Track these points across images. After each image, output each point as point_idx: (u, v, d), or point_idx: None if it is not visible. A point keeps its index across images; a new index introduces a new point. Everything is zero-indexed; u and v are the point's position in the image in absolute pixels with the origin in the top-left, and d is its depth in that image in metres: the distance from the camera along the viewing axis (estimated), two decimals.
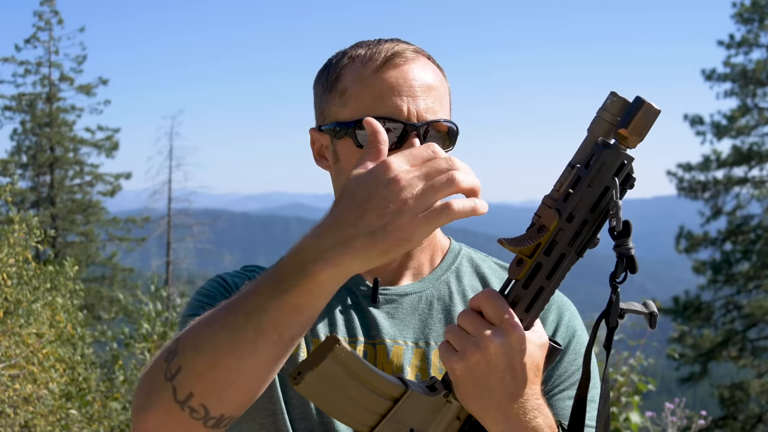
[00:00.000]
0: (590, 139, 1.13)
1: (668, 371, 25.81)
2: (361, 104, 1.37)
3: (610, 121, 1.11)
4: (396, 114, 1.35)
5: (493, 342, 1.10)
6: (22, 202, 22.56)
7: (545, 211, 1.13)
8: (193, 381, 1.08)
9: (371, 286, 1.43)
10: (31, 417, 5.25)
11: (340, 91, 1.41)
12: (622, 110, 1.11)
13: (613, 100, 1.11)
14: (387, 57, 1.38)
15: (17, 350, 5.07)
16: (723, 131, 20.21)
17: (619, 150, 1.10)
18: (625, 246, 1.09)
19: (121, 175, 24.63)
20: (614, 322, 1.13)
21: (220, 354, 1.07)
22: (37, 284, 5.52)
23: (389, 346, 1.38)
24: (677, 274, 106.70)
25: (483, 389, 1.12)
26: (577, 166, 1.12)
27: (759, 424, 18.65)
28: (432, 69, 1.42)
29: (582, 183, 1.11)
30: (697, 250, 20.55)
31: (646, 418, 6.24)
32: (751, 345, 20.03)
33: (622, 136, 1.10)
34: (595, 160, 1.10)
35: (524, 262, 1.14)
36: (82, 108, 24.18)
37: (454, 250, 1.52)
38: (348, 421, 1.14)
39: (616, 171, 1.10)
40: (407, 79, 1.37)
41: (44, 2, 23.88)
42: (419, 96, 1.36)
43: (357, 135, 1.37)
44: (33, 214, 5.91)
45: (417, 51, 1.42)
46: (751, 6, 19.97)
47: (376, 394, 1.13)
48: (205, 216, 34.53)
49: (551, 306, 1.45)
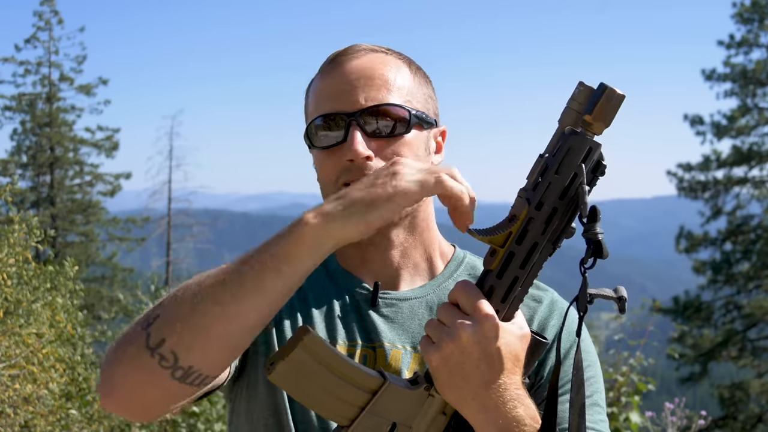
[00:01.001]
0: (559, 130, 1.14)
1: (668, 371, 25.81)
2: (313, 110, 1.41)
3: (577, 110, 1.12)
4: (335, 109, 1.36)
5: (465, 331, 1.12)
6: (22, 202, 22.56)
7: (517, 201, 1.14)
8: (167, 327, 1.10)
9: (371, 290, 1.42)
10: (31, 417, 5.24)
11: (306, 106, 1.47)
12: (588, 98, 1.11)
13: (581, 90, 1.12)
14: (331, 59, 1.41)
15: (17, 350, 5.07)
16: (723, 131, 20.20)
17: (585, 136, 1.11)
18: (592, 231, 1.09)
19: (121, 175, 24.63)
20: (583, 308, 1.14)
21: (198, 300, 1.10)
22: (37, 284, 5.52)
23: (388, 350, 1.37)
24: (677, 274, 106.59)
25: (458, 378, 1.13)
26: (546, 155, 1.13)
27: (759, 424, 18.64)
28: (383, 62, 1.40)
29: (549, 170, 1.11)
30: (697, 250, 20.54)
31: (646, 418, 6.24)
32: (751, 345, 20.03)
33: (587, 122, 1.11)
34: (561, 147, 1.11)
35: (497, 252, 1.15)
36: (82, 108, 24.22)
37: (457, 257, 1.51)
38: (326, 413, 1.15)
39: (583, 158, 1.11)
40: (345, 74, 1.38)
41: (44, 2, 23.88)
42: (359, 87, 1.36)
43: (311, 137, 1.41)
44: (33, 214, 5.91)
45: (367, 48, 1.42)
46: (751, 6, 19.96)
47: (353, 385, 1.13)
48: (205, 216, 34.52)
49: (553, 311, 1.45)
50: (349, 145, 1.33)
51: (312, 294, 1.43)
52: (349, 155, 1.33)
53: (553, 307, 1.45)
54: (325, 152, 1.38)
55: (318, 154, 1.41)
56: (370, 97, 1.35)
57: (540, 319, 1.42)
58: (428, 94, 1.45)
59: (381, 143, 1.36)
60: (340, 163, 1.36)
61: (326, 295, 1.43)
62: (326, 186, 1.40)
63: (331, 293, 1.43)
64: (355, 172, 1.34)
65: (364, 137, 1.34)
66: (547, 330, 1.42)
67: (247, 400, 1.38)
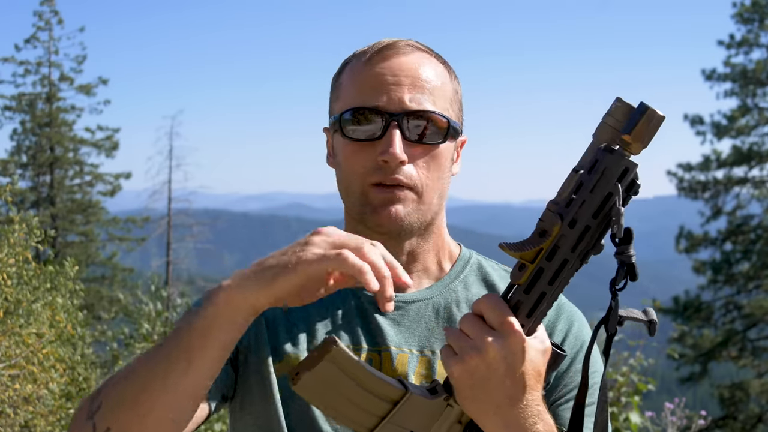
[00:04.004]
0: (595, 144, 1.12)
1: (668, 371, 25.80)
2: (351, 96, 1.36)
3: (614, 126, 1.10)
4: (377, 103, 1.32)
5: (492, 346, 1.10)
6: (22, 202, 22.54)
7: (548, 215, 1.12)
8: (111, 415, 1.13)
9: None
10: (31, 417, 5.24)
11: (337, 87, 1.41)
12: (627, 115, 1.10)
13: (618, 106, 1.10)
14: (378, 49, 1.37)
15: (17, 350, 5.07)
16: (723, 131, 20.19)
17: (623, 156, 1.09)
18: (626, 253, 1.08)
19: (121, 175, 24.61)
20: (613, 329, 1.12)
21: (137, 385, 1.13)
22: (37, 284, 5.51)
23: (394, 354, 1.36)
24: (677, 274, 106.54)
25: (481, 392, 1.11)
26: (580, 171, 1.11)
27: (759, 424, 18.63)
28: (428, 64, 1.38)
29: (584, 188, 1.10)
30: (697, 250, 20.53)
31: (646, 418, 6.24)
32: (751, 345, 20.02)
33: (626, 141, 1.09)
34: (597, 165, 1.09)
35: (526, 267, 1.13)
36: (82, 108, 24.16)
37: (464, 257, 1.49)
38: (347, 422, 1.14)
39: (619, 177, 1.09)
40: (393, 70, 1.34)
41: (44, 2, 23.86)
42: (405, 87, 1.33)
43: (343, 127, 1.36)
44: (33, 214, 5.90)
45: (414, 46, 1.39)
46: (751, 6, 19.95)
47: (376, 396, 1.12)
48: (205, 216, 34.49)
49: (560, 315, 1.43)
50: (388, 146, 1.31)
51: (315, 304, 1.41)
52: (386, 156, 1.31)
53: (560, 311, 1.44)
54: (356, 145, 1.35)
55: (347, 144, 1.36)
56: (415, 100, 1.33)
57: (547, 323, 1.40)
58: (461, 102, 1.44)
59: (416, 149, 1.34)
60: (371, 160, 1.33)
61: (330, 299, 1.40)
62: (351, 178, 1.37)
63: (336, 297, 1.40)
64: (387, 173, 1.32)
65: (401, 139, 1.32)
66: (554, 334, 1.41)
67: (242, 419, 1.37)
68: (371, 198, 1.34)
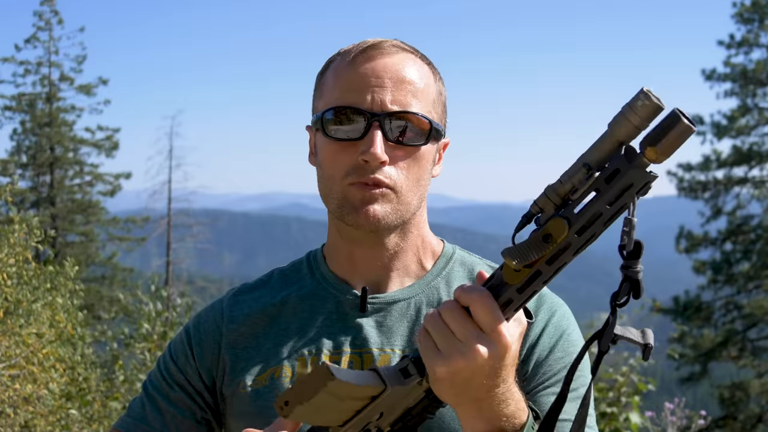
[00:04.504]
0: (610, 140, 1.01)
1: (668, 371, 25.79)
2: (332, 96, 1.36)
3: (637, 125, 0.98)
4: (359, 104, 1.32)
5: (481, 354, 1.05)
6: (22, 202, 22.55)
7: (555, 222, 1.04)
8: None
9: (359, 295, 1.41)
10: (31, 417, 5.24)
11: (320, 85, 1.41)
12: (653, 116, 0.98)
13: (645, 104, 0.97)
14: (362, 49, 1.36)
15: (17, 350, 5.07)
16: (723, 131, 20.20)
17: (647, 172, 0.99)
18: (633, 269, 1.01)
19: (121, 175, 24.62)
20: (605, 347, 1.06)
21: None
22: (37, 284, 5.52)
23: (376, 355, 1.36)
24: (677, 274, 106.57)
25: (461, 389, 1.09)
26: (596, 175, 1.02)
27: (759, 424, 18.64)
28: (413, 65, 1.37)
29: (601, 199, 1.01)
30: (697, 250, 20.53)
31: (646, 418, 6.25)
32: (751, 345, 20.03)
33: (650, 152, 0.97)
34: (619, 178, 1.00)
35: (522, 271, 1.07)
36: (82, 108, 24.20)
37: (446, 254, 1.49)
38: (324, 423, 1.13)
39: (638, 190, 1.01)
40: (376, 70, 1.34)
41: (44, 2, 23.88)
42: (388, 88, 1.33)
43: (325, 126, 1.35)
44: (33, 214, 5.91)
45: (398, 46, 1.38)
46: (751, 6, 19.96)
47: (358, 400, 1.12)
48: (205, 216, 34.50)
49: (542, 306, 1.42)
50: (368, 146, 1.30)
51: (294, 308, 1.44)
52: (367, 156, 1.30)
53: (540, 300, 1.43)
54: (338, 144, 1.34)
55: (329, 143, 1.36)
56: (397, 101, 1.33)
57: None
58: (445, 104, 1.43)
59: (398, 150, 1.33)
60: (352, 160, 1.33)
61: (310, 307, 1.43)
62: (330, 180, 1.37)
63: (317, 304, 1.42)
64: (367, 173, 1.32)
65: (383, 140, 1.32)
66: (535, 324, 1.39)
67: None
68: (350, 197, 1.34)
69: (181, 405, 1.42)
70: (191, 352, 1.45)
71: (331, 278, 1.45)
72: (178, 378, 1.44)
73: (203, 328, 1.46)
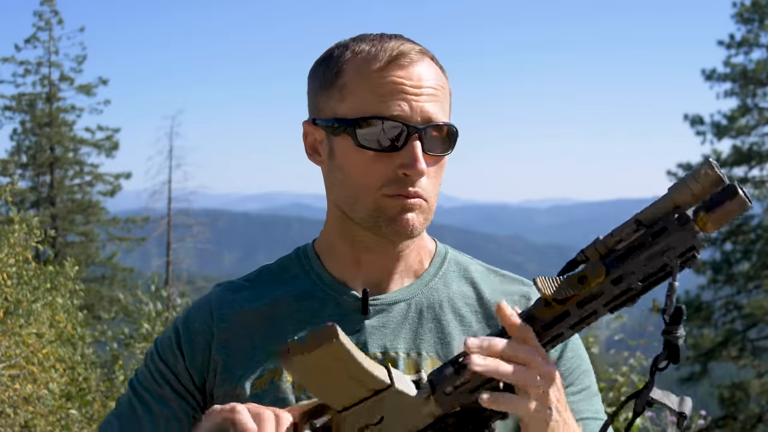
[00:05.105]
0: (667, 203, 1.04)
1: (668, 371, 25.61)
2: (364, 102, 1.33)
3: (695, 192, 1.02)
4: (399, 115, 1.31)
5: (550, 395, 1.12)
6: (22, 202, 22.54)
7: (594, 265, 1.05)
8: None
9: (360, 297, 1.40)
10: (31, 417, 5.24)
11: (340, 86, 1.36)
12: (712, 187, 1.01)
13: (707, 173, 1.01)
14: (393, 56, 1.34)
15: (17, 350, 5.07)
16: (723, 131, 20.20)
17: (695, 235, 1.02)
18: (674, 334, 1.03)
19: (121, 175, 24.63)
20: (641, 408, 1.08)
21: None
22: (37, 284, 5.52)
23: (381, 359, 1.35)
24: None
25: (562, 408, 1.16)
26: (644, 230, 1.04)
27: (759, 424, 18.64)
28: (435, 71, 1.37)
29: (642, 254, 1.03)
30: None
31: (646, 418, 6.24)
32: (751, 345, 20.03)
33: (703, 220, 1.02)
34: (665, 236, 1.02)
35: (553, 306, 1.08)
36: (82, 108, 24.21)
37: (440, 253, 1.49)
38: (325, 398, 1.14)
39: (682, 253, 1.03)
40: (412, 80, 1.33)
41: (44, 2, 23.89)
42: (423, 98, 1.32)
43: (357, 133, 1.32)
44: (33, 214, 5.92)
45: (422, 51, 1.37)
46: (751, 6, 19.96)
47: (360, 383, 1.11)
48: (205, 216, 34.47)
49: None
50: (411, 159, 1.30)
51: (290, 309, 1.42)
52: (410, 170, 1.30)
53: None
54: (370, 154, 1.32)
55: (359, 152, 1.33)
56: (434, 112, 1.33)
57: None
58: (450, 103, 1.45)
59: (428, 160, 1.33)
60: (389, 171, 1.32)
61: (308, 308, 1.41)
62: (362, 189, 1.34)
63: (315, 305, 1.41)
64: (407, 185, 1.32)
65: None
66: None
67: None
68: (387, 208, 1.33)
69: (172, 404, 1.40)
70: (180, 351, 1.42)
71: (328, 279, 1.43)
72: (168, 377, 1.42)
73: (193, 327, 1.43)
